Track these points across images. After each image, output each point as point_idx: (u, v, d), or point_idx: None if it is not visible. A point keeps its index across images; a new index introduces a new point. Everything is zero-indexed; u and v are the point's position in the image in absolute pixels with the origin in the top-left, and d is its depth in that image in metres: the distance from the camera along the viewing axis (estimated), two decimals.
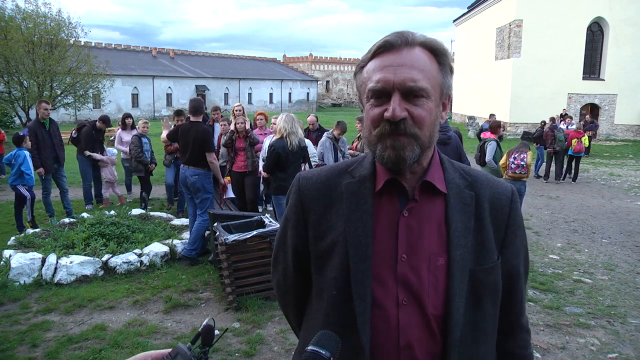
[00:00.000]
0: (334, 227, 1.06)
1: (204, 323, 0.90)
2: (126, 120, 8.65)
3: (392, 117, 0.94)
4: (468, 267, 1.00)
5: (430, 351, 0.99)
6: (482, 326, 1.03)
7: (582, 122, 14.38)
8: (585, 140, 11.86)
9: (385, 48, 0.99)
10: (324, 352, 0.82)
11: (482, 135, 8.51)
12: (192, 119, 5.52)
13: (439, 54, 1.01)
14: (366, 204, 1.04)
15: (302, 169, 5.85)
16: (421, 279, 0.99)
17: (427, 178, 1.03)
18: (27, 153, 6.54)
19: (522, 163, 6.77)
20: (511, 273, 1.09)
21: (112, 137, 16.40)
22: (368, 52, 1.02)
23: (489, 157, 6.98)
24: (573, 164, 12.05)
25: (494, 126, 7.48)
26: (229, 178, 6.45)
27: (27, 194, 6.55)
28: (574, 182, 11.94)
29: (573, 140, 11.53)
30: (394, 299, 1.00)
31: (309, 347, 0.83)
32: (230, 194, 6.26)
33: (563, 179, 12.09)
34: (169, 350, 0.85)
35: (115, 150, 8.88)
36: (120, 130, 8.72)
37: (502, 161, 7.02)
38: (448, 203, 1.03)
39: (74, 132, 8.51)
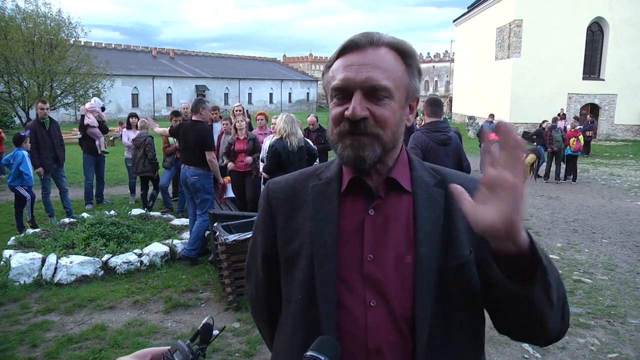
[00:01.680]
0: (301, 229, 1.05)
1: (203, 321, 0.91)
2: (130, 120, 8.66)
3: (352, 115, 0.93)
4: (436, 265, 0.96)
5: (402, 355, 0.95)
6: (456, 329, 0.98)
7: (576, 122, 14.31)
8: (580, 138, 11.94)
9: (350, 48, 0.98)
10: (322, 358, 0.81)
11: (488, 137, 8.56)
12: (193, 117, 5.52)
13: (406, 56, 0.99)
14: (331, 203, 1.03)
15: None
16: (388, 278, 0.96)
17: (391, 175, 1.02)
18: (25, 153, 6.53)
19: None
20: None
21: (112, 137, 16.46)
22: (335, 53, 1.02)
23: None
24: (569, 163, 12.12)
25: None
26: (228, 178, 6.42)
27: (26, 194, 6.54)
28: (574, 182, 11.96)
29: (571, 140, 11.59)
30: (362, 301, 0.96)
31: (308, 353, 0.82)
32: (230, 193, 6.21)
33: (564, 179, 12.11)
34: (169, 347, 0.86)
35: (99, 100, 8.88)
36: (125, 129, 8.74)
37: None
38: (415, 200, 1.01)
39: (78, 133, 8.55)
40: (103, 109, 8.98)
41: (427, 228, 0.99)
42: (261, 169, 6.09)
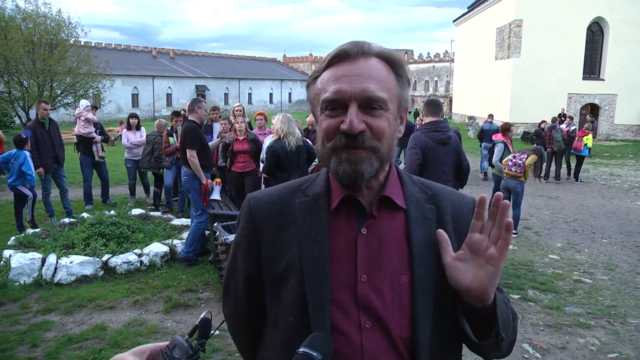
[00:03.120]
0: (288, 249, 0.99)
1: (202, 316, 0.90)
2: (130, 121, 8.59)
3: (350, 129, 0.89)
4: (432, 284, 0.95)
5: None
6: (448, 344, 1.00)
7: (571, 121, 14.17)
8: (587, 139, 11.90)
9: (340, 57, 0.93)
10: (315, 354, 0.80)
11: (493, 137, 8.66)
12: (189, 117, 5.52)
13: (395, 66, 0.96)
14: (321, 222, 0.98)
15: (310, 169, 5.85)
16: (384, 299, 0.94)
17: (385, 193, 0.98)
18: (27, 154, 6.53)
19: (520, 162, 6.78)
20: None
21: (113, 138, 16.46)
22: (322, 62, 0.97)
23: (495, 158, 7.29)
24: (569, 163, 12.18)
25: (505, 129, 7.63)
26: (218, 180, 6.26)
27: (28, 192, 6.55)
28: (577, 181, 11.95)
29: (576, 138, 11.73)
30: (356, 323, 0.93)
31: (300, 349, 0.81)
32: (216, 195, 5.88)
33: (568, 178, 12.14)
34: (167, 342, 0.86)
35: (85, 102, 8.86)
36: (125, 130, 8.70)
37: (506, 158, 7.09)
38: (408, 218, 0.99)
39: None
40: (95, 107, 8.96)
41: (422, 246, 0.97)
42: (261, 169, 6.09)
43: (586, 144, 11.85)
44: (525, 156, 6.82)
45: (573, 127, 12.67)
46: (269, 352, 1.05)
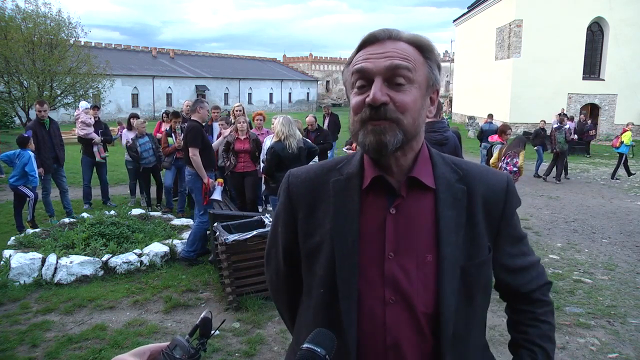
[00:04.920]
0: (321, 225, 1.06)
1: (202, 315, 0.90)
2: (131, 121, 8.60)
3: (373, 100, 0.93)
4: (459, 264, 0.99)
5: (420, 350, 0.98)
6: (473, 320, 1.04)
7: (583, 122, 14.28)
8: (624, 137, 11.97)
9: (370, 41, 1.00)
10: (319, 350, 0.81)
11: (489, 139, 8.62)
12: (191, 117, 5.54)
13: (424, 50, 1.01)
14: (353, 201, 1.03)
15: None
16: (410, 277, 0.98)
17: (413, 174, 1.02)
18: (31, 154, 6.52)
19: (515, 169, 6.74)
20: (511, 258, 1.10)
21: (113, 138, 16.44)
22: (355, 48, 1.03)
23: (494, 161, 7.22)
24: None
25: (502, 130, 7.61)
26: (221, 180, 6.26)
27: (30, 193, 6.54)
28: (629, 175, 12.33)
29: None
30: (381, 298, 0.98)
31: (304, 345, 0.83)
32: (217, 195, 5.82)
33: (567, 178, 12.17)
34: (168, 343, 0.85)
35: (85, 103, 8.85)
36: (125, 130, 8.72)
37: (492, 160, 7.03)
38: (437, 198, 1.02)
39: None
40: (97, 107, 8.95)
41: (450, 227, 1.00)
42: (261, 170, 6.09)
43: (623, 141, 11.87)
44: (517, 160, 6.77)
45: (567, 126, 12.70)
46: (303, 319, 1.13)
